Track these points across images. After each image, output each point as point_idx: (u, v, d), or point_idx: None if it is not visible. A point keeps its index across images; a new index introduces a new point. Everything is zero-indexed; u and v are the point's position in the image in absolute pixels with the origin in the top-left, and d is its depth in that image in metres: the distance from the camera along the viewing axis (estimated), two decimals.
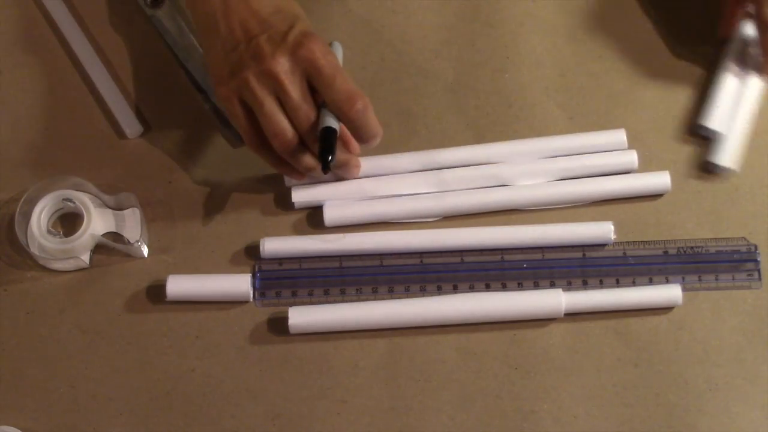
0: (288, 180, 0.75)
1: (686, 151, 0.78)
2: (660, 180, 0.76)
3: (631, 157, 0.76)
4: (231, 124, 0.75)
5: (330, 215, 0.75)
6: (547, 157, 0.76)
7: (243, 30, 0.68)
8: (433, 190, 0.75)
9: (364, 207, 0.75)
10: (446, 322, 0.73)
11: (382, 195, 0.75)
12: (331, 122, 0.68)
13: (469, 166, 0.76)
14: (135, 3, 0.79)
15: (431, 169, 0.76)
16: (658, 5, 0.82)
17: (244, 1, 0.69)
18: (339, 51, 0.73)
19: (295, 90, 0.67)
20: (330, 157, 0.67)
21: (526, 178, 0.76)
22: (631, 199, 0.76)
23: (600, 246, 0.75)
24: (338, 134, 0.68)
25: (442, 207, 0.75)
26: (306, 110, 0.68)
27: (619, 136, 0.77)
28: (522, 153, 0.76)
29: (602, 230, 0.75)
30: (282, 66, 0.67)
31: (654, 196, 0.77)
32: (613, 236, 0.74)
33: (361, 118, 0.68)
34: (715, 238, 0.76)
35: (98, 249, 0.75)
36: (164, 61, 0.79)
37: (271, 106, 0.67)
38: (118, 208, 0.75)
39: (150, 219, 0.76)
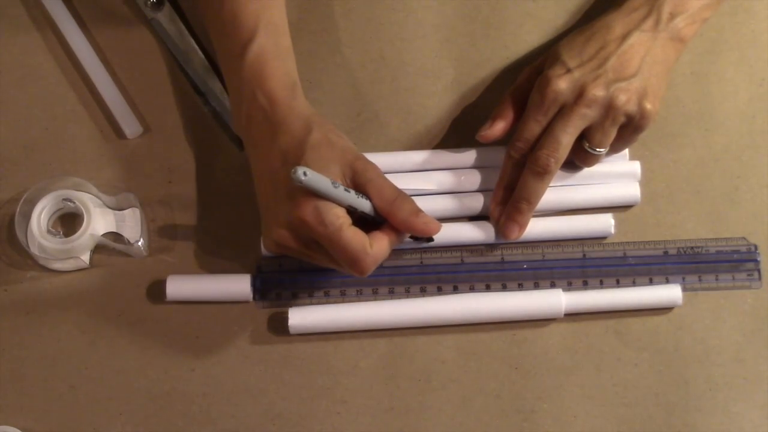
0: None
1: (688, 151, 0.78)
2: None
3: (634, 167, 0.76)
4: (231, 128, 0.76)
5: None
6: None
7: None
8: (433, 188, 0.75)
9: None
10: (446, 322, 0.73)
11: None
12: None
13: (467, 168, 0.76)
14: (135, 5, 0.79)
15: (430, 170, 0.76)
16: None
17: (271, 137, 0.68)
18: None
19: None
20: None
21: None
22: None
23: (601, 239, 0.75)
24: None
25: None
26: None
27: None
28: None
29: (602, 223, 0.75)
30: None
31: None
32: (613, 230, 0.75)
33: (382, 251, 0.67)
34: (715, 238, 0.76)
35: (98, 249, 0.75)
36: (164, 62, 0.79)
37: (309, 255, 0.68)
38: (118, 208, 0.75)
39: (150, 219, 0.76)
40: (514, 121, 0.74)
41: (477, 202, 0.75)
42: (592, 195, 0.76)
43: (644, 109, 0.70)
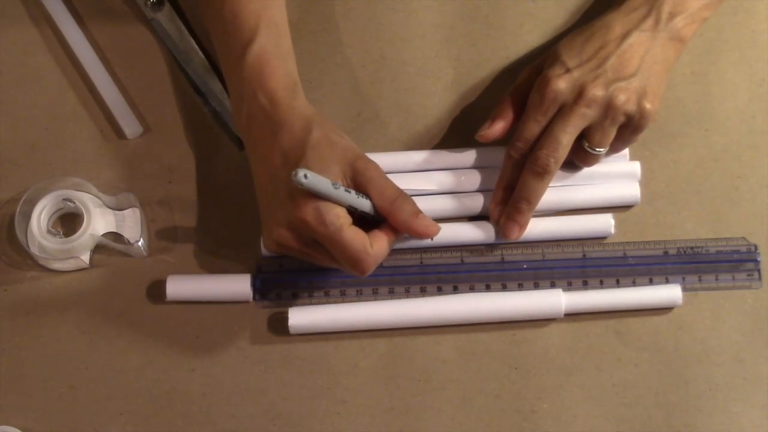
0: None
1: (688, 151, 0.78)
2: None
3: (634, 167, 0.76)
4: (231, 128, 0.76)
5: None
6: None
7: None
8: (433, 188, 0.75)
9: None
10: (446, 322, 0.73)
11: None
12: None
13: (467, 168, 0.76)
14: (135, 5, 0.79)
15: (430, 170, 0.76)
16: None
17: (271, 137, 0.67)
18: None
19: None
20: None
21: None
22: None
23: (601, 239, 0.75)
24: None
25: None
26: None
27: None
28: None
29: (602, 223, 0.75)
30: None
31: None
32: (613, 230, 0.75)
33: (381, 252, 0.67)
34: (715, 238, 0.76)
35: (98, 249, 0.75)
36: (164, 62, 0.79)
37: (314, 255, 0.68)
38: (118, 208, 0.75)
39: (150, 219, 0.76)
40: (514, 121, 0.74)
41: (477, 202, 0.75)
42: (592, 195, 0.76)
43: (644, 108, 0.70)
